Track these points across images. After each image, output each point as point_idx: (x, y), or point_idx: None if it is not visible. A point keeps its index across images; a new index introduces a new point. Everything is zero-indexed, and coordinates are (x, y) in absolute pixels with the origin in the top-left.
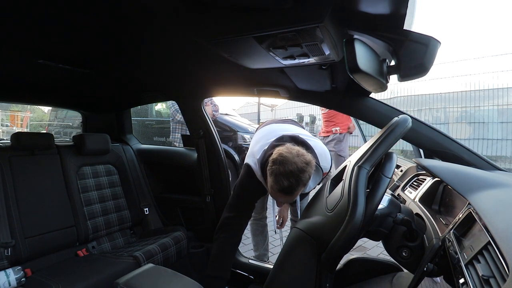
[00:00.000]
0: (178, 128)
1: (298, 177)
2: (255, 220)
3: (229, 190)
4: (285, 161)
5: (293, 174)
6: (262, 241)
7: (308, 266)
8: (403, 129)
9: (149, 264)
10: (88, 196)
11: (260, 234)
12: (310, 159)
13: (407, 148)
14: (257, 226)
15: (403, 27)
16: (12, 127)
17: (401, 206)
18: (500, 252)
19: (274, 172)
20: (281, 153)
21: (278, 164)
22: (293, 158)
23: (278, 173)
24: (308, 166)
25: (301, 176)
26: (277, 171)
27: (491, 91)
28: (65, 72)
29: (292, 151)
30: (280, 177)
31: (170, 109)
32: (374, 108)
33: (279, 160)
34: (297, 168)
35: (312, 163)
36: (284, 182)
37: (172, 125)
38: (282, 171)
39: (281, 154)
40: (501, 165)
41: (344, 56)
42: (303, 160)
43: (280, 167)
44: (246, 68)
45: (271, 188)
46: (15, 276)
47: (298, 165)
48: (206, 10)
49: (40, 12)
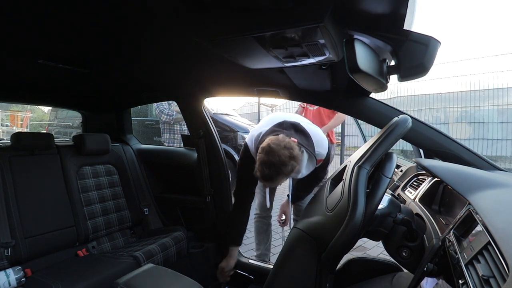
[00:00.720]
0: (166, 128)
1: (279, 169)
2: (260, 218)
3: (229, 190)
4: (271, 151)
5: (274, 165)
6: (265, 239)
7: (308, 266)
8: (403, 129)
9: (149, 264)
10: (88, 196)
11: (264, 232)
12: (296, 154)
13: (407, 148)
14: (261, 224)
15: (403, 27)
16: (12, 127)
17: (401, 206)
18: (500, 252)
19: (259, 159)
20: (269, 143)
21: (264, 153)
22: (279, 151)
23: (262, 161)
24: (291, 160)
25: (282, 169)
26: (262, 159)
27: (491, 91)
28: (65, 72)
29: (281, 143)
30: (262, 165)
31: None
32: (374, 108)
33: (266, 149)
34: (279, 160)
35: (298, 158)
36: (265, 171)
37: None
38: (266, 160)
39: (269, 144)
40: (501, 165)
41: (344, 56)
42: (288, 154)
43: (265, 156)
44: (246, 68)
45: (255, 173)
46: (15, 276)
47: (281, 158)
48: (206, 10)
49: (40, 12)
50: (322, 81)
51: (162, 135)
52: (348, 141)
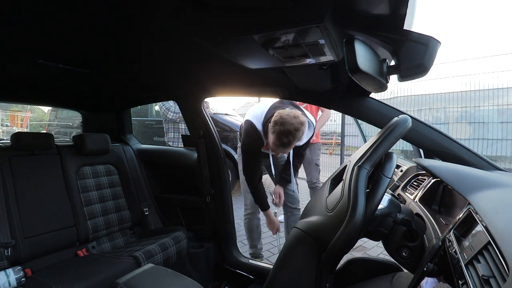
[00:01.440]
0: (170, 127)
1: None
2: (252, 216)
3: (229, 190)
4: (285, 122)
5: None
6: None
7: (308, 266)
8: (403, 129)
9: (149, 264)
10: (88, 196)
11: (256, 229)
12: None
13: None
14: (253, 221)
15: (403, 27)
16: (12, 127)
17: (401, 206)
18: (500, 252)
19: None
20: (281, 115)
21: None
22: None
23: (279, 131)
24: (302, 126)
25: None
26: (278, 130)
27: (491, 91)
28: (65, 72)
29: (290, 113)
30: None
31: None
32: (374, 108)
33: (280, 121)
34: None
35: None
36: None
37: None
38: (282, 130)
39: (281, 116)
40: (501, 165)
41: (344, 56)
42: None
43: (281, 127)
44: (246, 68)
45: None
46: (15, 276)
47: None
48: (206, 10)
49: (40, 12)
50: (322, 81)
51: (166, 135)
52: (348, 141)
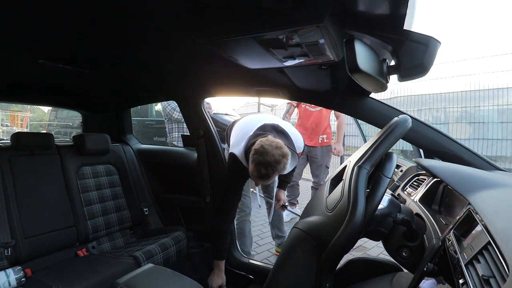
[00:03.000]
0: (175, 127)
1: (275, 167)
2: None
3: None
4: (265, 152)
5: (270, 164)
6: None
7: (308, 266)
8: (403, 129)
9: (149, 264)
10: (88, 196)
11: (248, 231)
12: (286, 152)
13: (407, 148)
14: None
15: (403, 27)
16: (12, 127)
17: (401, 206)
18: (500, 252)
19: (255, 160)
20: (262, 144)
21: (259, 154)
22: (272, 151)
23: (258, 162)
24: (283, 158)
25: (277, 166)
26: (257, 160)
27: (491, 91)
28: (65, 72)
29: (272, 143)
30: (259, 166)
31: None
32: (374, 108)
33: (260, 151)
34: (274, 160)
35: (288, 155)
36: (262, 170)
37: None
38: (261, 160)
39: (262, 145)
40: (501, 165)
41: (344, 56)
42: (280, 153)
43: (260, 157)
44: (246, 68)
45: (251, 174)
46: (15, 276)
47: (275, 157)
48: (206, 10)
49: (40, 12)
50: (322, 81)
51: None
52: (348, 141)
